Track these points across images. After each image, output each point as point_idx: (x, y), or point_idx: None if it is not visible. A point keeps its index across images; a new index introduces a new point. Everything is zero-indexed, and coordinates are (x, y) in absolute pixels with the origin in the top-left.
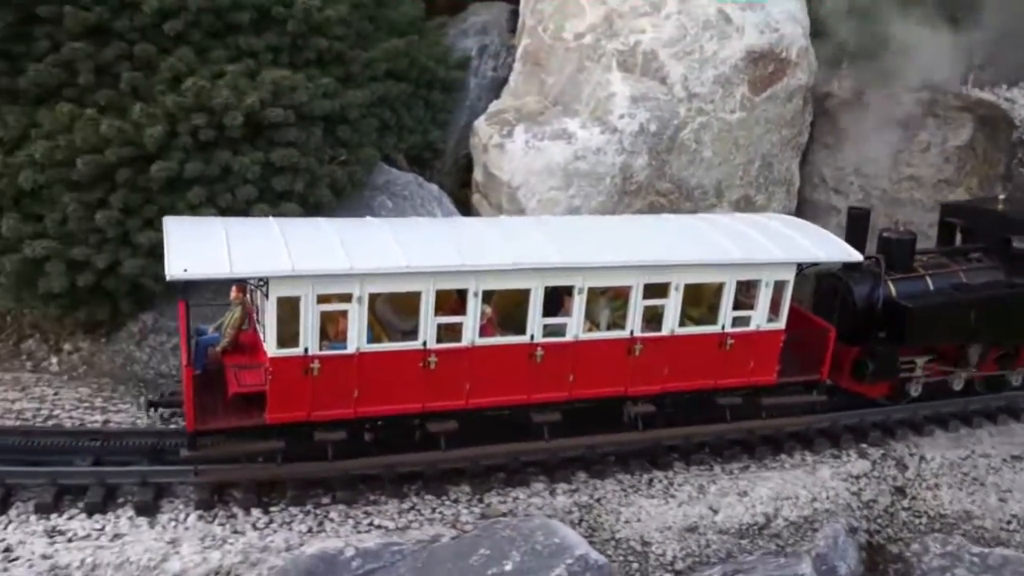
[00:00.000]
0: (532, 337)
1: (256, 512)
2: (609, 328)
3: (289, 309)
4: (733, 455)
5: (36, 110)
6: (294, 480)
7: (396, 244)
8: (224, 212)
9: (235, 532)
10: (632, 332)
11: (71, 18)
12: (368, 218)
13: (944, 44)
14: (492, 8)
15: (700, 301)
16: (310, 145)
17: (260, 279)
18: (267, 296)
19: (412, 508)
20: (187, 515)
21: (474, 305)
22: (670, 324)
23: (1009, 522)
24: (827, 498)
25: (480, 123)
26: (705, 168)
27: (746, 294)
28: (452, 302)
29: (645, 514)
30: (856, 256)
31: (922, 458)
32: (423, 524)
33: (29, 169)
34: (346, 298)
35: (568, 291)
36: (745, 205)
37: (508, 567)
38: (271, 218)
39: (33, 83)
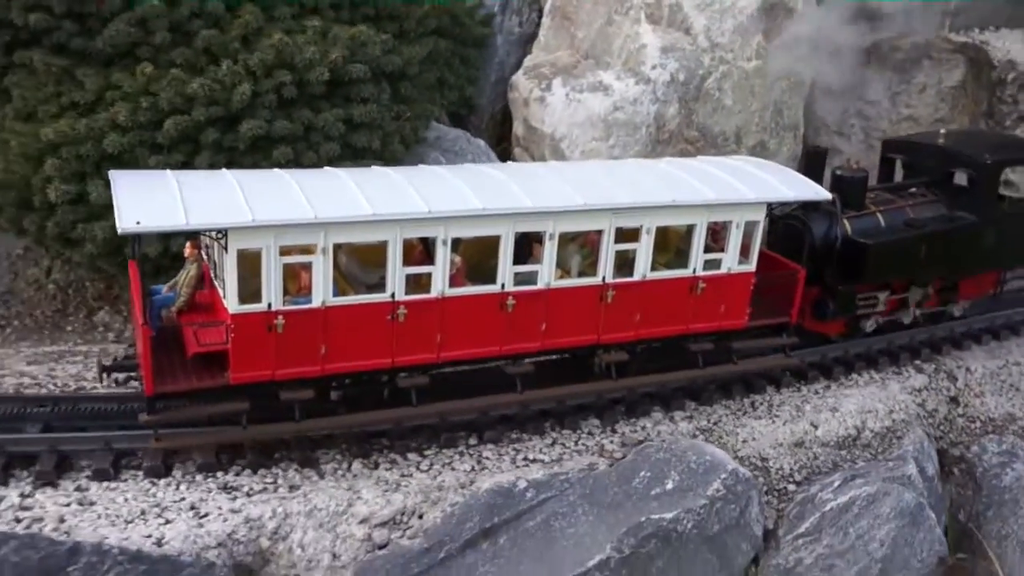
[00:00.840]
0: (503, 286)
1: (412, 455)
2: (581, 275)
3: (250, 263)
4: (815, 376)
5: (111, 71)
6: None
7: (360, 192)
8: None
9: (404, 475)
10: (604, 278)
11: None
12: (328, 168)
13: None
14: None
15: (667, 246)
16: (382, 101)
17: (218, 231)
18: (226, 249)
19: (555, 443)
20: (349, 464)
21: (443, 254)
22: (642, 269)
23: None
24: (900, 410)
25: (519, 78)
26: (726, 115)
27: (715, 237)
28: (419, 252)
29: (758, 433)
30: (825, 194)
31: (967, 370)
32: (573, 455)
33: (113, 132)
34: (310, 249)
35: (538, 238)
36: (760, 150)
37: (669, 486)
38: (225, 170)
39: (109, 44)
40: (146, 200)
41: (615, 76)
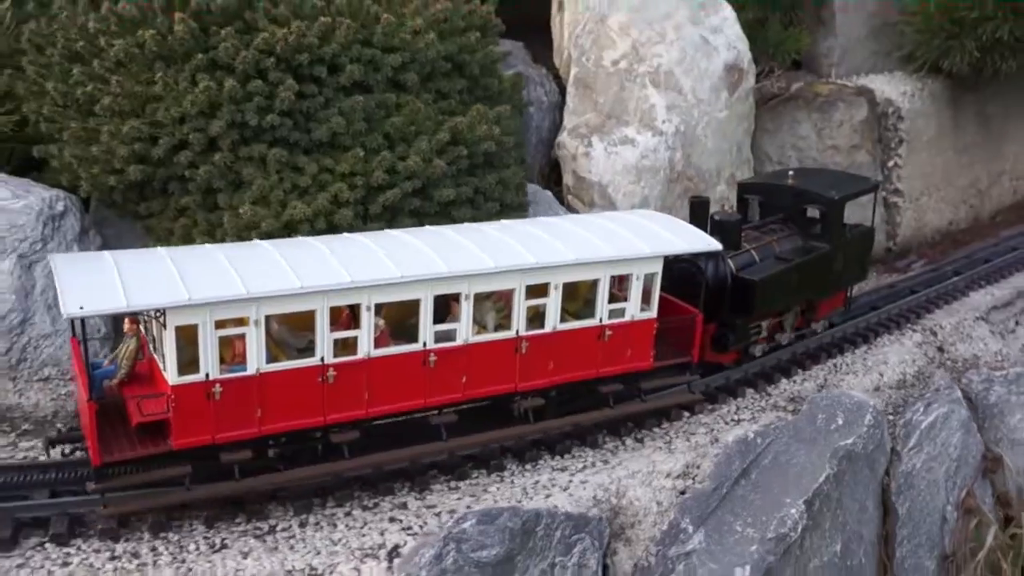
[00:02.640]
0: (424, 344)
1: (657, 430)
2: (496, 329)
3: (187, 337)
4: (843, 348)
5: (321, 158)
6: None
7: (287, 265)
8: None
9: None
10: (518, 331)
11: (346, 75)
12: (255, 240)
13: (818, 48)
14: (504, 44)
15: (576, 297)
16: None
17: (157, 310)
18: (165, 326)
19: (740, 408)
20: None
21: (367, 319)
22: (552, 321)
23: (998, 356)
24: (917, 359)
25: (565, 138)
26: (709, 155)
27: (619, 287)
28: (346, 316)
29: (848, 385)
30: (715, 244)
31: (940, 326)
32: (764, 411)
33: (343, 208)
34: (243, 322)
35: (455, 297)
36: (732, 180)
37: (840, 422)
38: (158, 248)
39: (324, 135)
40: (87, 283)
41: (636, 131)
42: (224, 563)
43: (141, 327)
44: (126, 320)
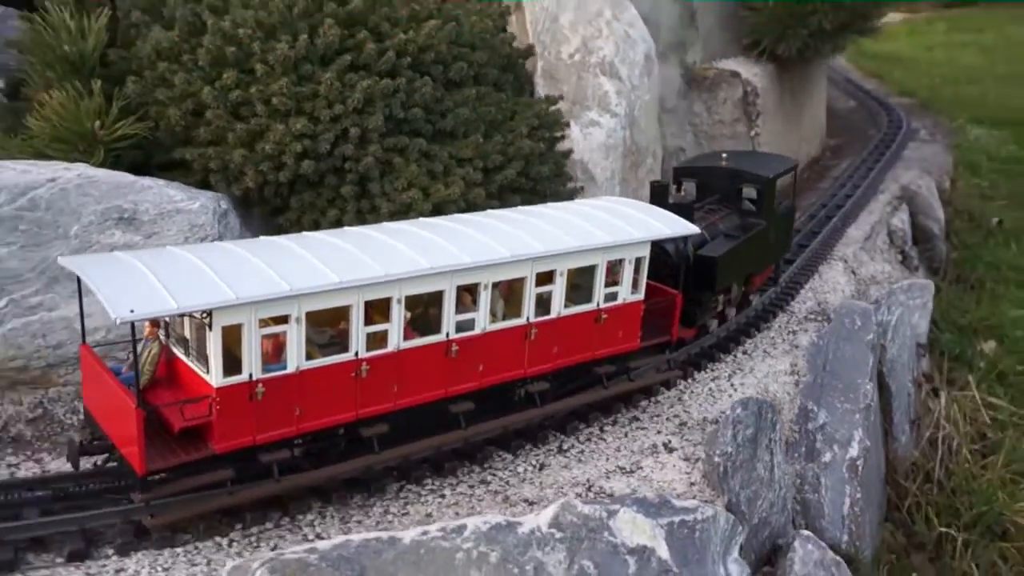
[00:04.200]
0: (447, 334)
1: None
2: (504, 318)
3: (231, 337)
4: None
5: (446, 146)
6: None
7: (318, 261)
8: None
9: None
10: (528, 318)
11: (455, 70)
12: (263, 238)
13: (689, 39)
14: None
15: (570, 284)
16: None
17: (204, 312)
18: (210, 327)
19: (786, 326)
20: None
21: (397, 311)
22: (557, 307)
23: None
24: (849, 280)
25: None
26: (642, 133)
27: (609, 272)
28: (375, 311)
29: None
30: (694, 229)
31: (844, 257)
32: (804, 322)
33: (475, 188)
34: (283, 320)
35: (471, 288)
36: (655, 154)
37: (859, 323)
38: (171, 247)
39: (449, 125)
40: (127, 286)
41: (598, 115)
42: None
43: (160, 331)
44: (146, 324)
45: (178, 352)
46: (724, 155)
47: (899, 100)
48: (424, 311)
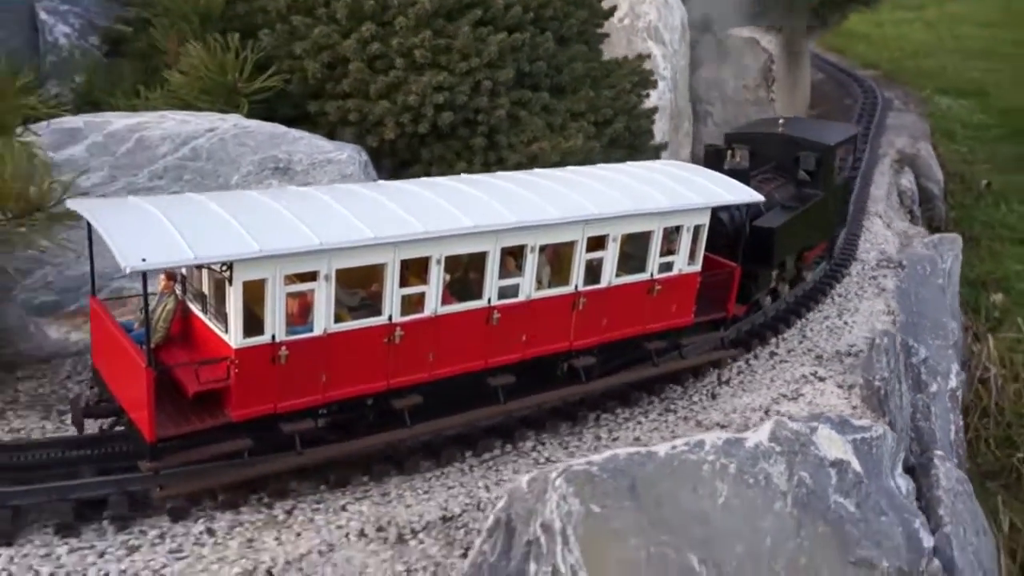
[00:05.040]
0: (489, 300)
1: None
2: (551, 286)
3: (252, 294)
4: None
5: (567, 98)
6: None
7: (351, 214)
8: None
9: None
10: (576, 286)
11: (566, 27)
12: (292, 188)
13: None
14: None
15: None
16: None
17: (224, 264)
18: (230, 281)
19: (864, 272)
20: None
21: (436, 273)
22: (608, 275)
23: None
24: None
25: None
26: (682, 96)
27: (667, 240)
28: (412, 273)
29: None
30: (758, 196)
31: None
32: (886, 269)
33: (590, 141)
34: (311, 277)
35: (516, 251)
36: (689, 116)
37: (928, 269)
38: (190, 194)
39: (566, 80)
40: (140, 232)
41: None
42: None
43: (177, 285)
44: (162, 277)
45: (195, 309)
46: (781, 121)
47: (864, 72)
48: (464, 275)
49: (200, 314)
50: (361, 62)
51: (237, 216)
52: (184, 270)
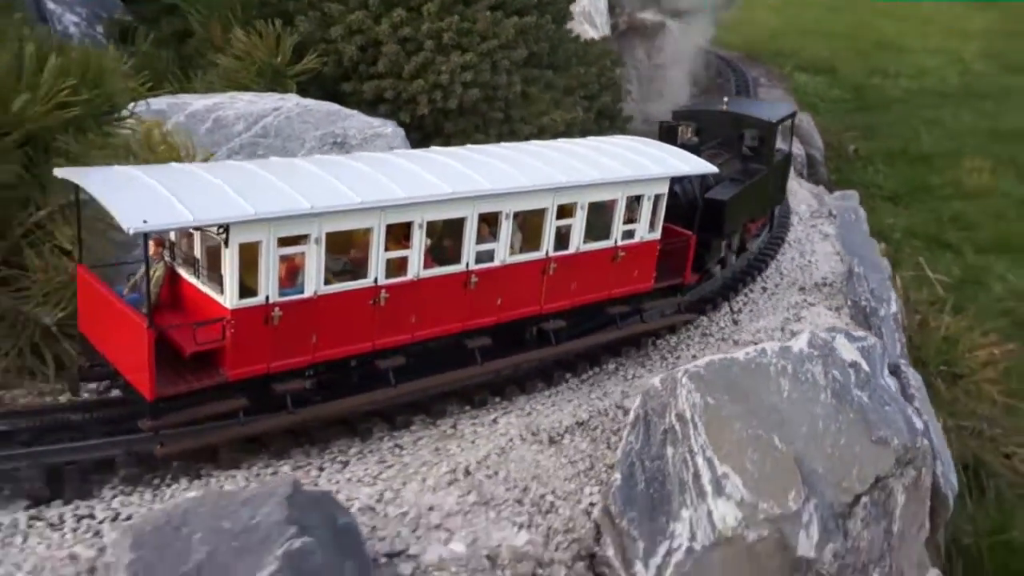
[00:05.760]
0: (467, 265)
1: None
2: (522, 252)
3: (247, 256)
4: None
5: (563, 75)
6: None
7: (338, 181)
8: None
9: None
10: (547, 252)
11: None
12: (273, 158)
13: None
14: None
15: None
16: None
17: (220, 226)
18: (226, 244)
19: (809, 218)
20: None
21: (418, 237)
22: (576, 242)
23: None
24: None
25: None
26: None
27: (629, 209)
28: (393, 238)
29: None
30: (712, 168)
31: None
32: (822, 218)
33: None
34: (302, 240)
35: (492, 218)
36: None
37: (855, 216)
38: (174, 164)
39: (561, 59)
40: (136, 197)
41: None
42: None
43: (164, 250)
44: (151, 243)
45: (184, 273)
46: (725, 100)
47: (728, 53)
48: (439, 240)
49: (190, 278)
50: (395, 44)
51: (229, 182)
52: (172, 235)
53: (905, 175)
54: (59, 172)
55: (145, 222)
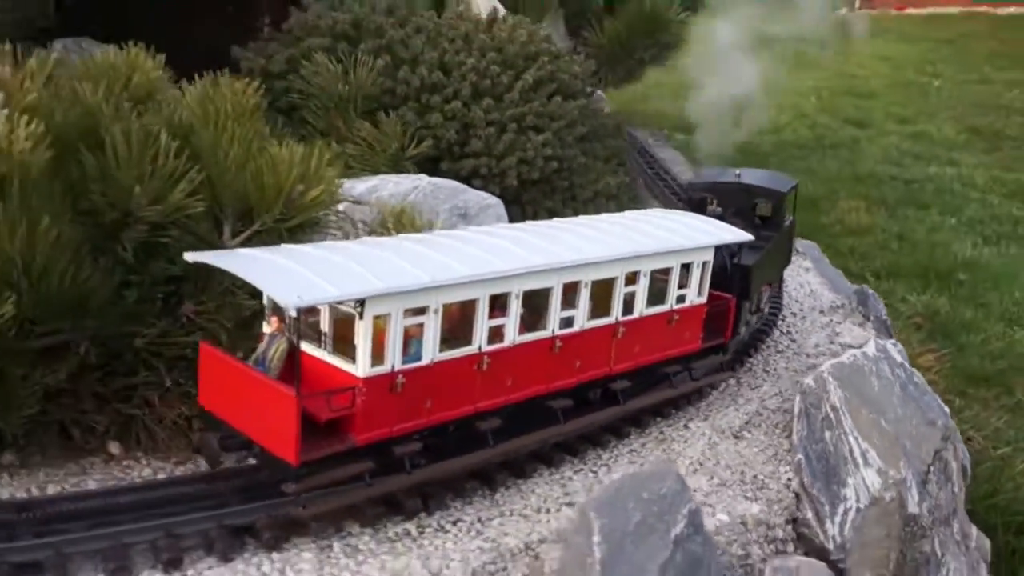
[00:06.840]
0: (552, 331)
1: None
2: (595, 317)
3: (376, 328)
4: None
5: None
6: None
7: (444, 256)
8: None
9: None
10: (616, 317)
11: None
12: (365, 238)
13: None
14: None
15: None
16: None
17: (357, 300)
18: (361, 316)
19: None
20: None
21: (515, 307)
22: (639, 307)
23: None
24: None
25: None
26: None
27: (682, 275)
28: (494, 306)
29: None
30: (748, 237)
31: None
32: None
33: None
34: (422, 311)
35: (573, 286)
36: None
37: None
38: (286, 245)
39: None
40: (281, 277)
41: None
42: None
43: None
44: (273, 319)
45: (307, 346)
46: (737, 172)
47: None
48: (528, 308)
49: (313, 351)
50: (488, 127)
51: (349, 260)
52: (293, 312)
53: (801, 218)
54: (189, 256)
55: (300, 298)
